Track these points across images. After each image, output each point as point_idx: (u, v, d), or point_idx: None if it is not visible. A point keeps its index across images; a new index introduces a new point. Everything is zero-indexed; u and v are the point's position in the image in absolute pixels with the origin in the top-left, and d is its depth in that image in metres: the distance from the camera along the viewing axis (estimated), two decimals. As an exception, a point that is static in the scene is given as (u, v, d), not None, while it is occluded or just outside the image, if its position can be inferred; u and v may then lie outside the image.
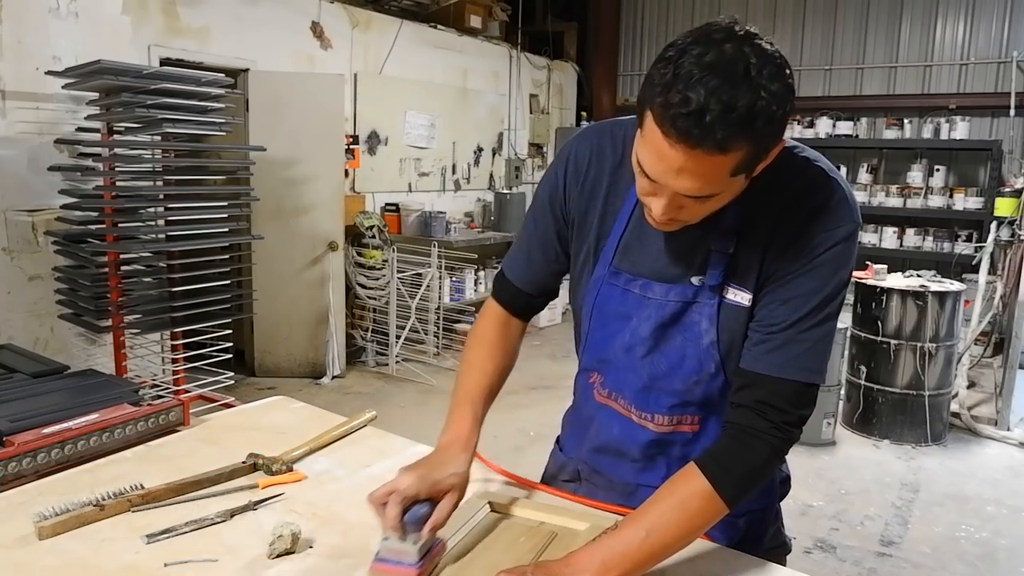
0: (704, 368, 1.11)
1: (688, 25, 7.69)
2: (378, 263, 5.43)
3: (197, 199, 3.59)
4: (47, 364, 1.82)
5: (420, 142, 6.43)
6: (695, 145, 0.86)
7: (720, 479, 1.00)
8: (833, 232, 1.02)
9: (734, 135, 0.85)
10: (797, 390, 1.03)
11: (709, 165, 0.88)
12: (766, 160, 0.95)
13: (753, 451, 1.02)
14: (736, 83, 0.84)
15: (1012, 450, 4.31)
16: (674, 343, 1.12)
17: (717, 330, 1.08)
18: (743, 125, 0.85)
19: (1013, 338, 4.51)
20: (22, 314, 3.72)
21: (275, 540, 1.08)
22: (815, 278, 1.02)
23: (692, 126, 0.84)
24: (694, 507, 1.00)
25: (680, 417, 1.15)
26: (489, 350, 1.28)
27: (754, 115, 0.85)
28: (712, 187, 0.92)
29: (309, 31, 5.39)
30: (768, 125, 0.87)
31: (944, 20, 6.86)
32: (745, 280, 1.06)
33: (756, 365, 1.04)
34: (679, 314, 1.10)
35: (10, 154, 3.65)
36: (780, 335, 1.03)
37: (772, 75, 0.86)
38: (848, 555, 3.10)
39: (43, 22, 3.75)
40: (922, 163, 6.81)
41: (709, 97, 0.83)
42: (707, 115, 0.83)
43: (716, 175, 0.90)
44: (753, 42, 0.89)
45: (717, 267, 1.07)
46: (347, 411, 1.66)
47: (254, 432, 1.55)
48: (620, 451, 1.22)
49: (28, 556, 1.07)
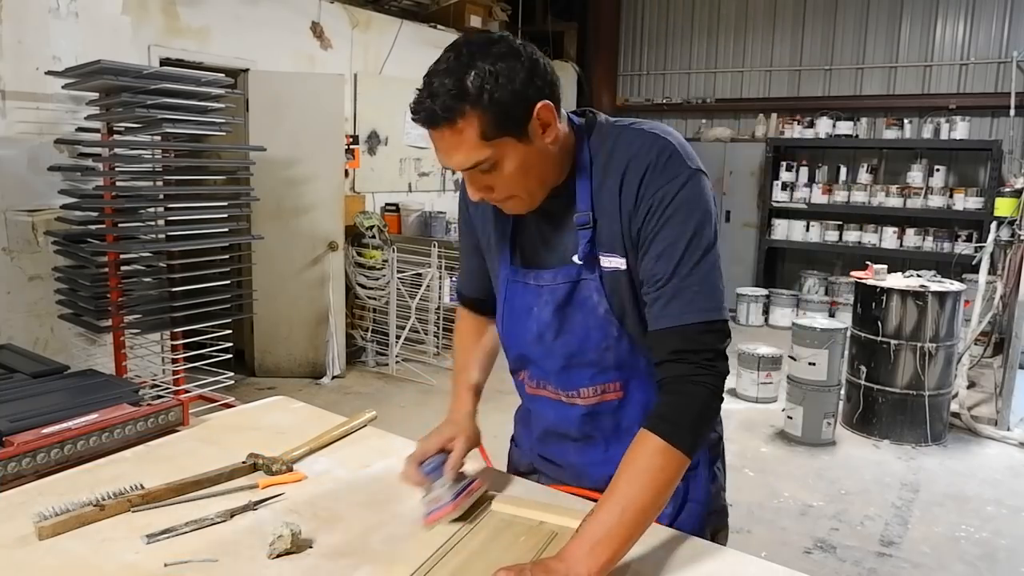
0: (609, 335, 1.20)
1: (688, 25, 7.67)
2: (378, 263, 5.43)
3: (197, 199, 3.59)
4: (47, 364, 1.82)
5: (420, 142, 6.43)
6: (431, 125, 1.05)
7: (670, 432, 1.06)
8: (672, 182, 1.11)
9: (453, 104, 1.02)
10: (701, 330, 1.10)
11: (455, 138, 1.05)
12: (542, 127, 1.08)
13: (690, 396, 1.09)
14: (451, 71, 1.03)
15: (1012, 450, 4.31)
16: (576, 320, 1.21)
17: (607, 298, 1.18)
18: (458, 96, 1.02)
19: (1013, 338, 4.51)
20: (22, 314, 3.72)
21: (275, 540, 1.08)
22: (673, 227, 1.11)
23: (422, 111, 1.05)
24: (656, 466, 1.06)
25: (603, 386, 1.24)
26: (468, 336, 1.45)
27: (464, 86, 1.02)
28: (474, 154, 1.07)
29: (309, 31, 5.39)
30: (486, 91, 1.02)
31: (944, 20, 6.86)
32: (613, 247, 1.16)
33: (657, 323, 1.13)
34: (571, 293, 1.20)
35: (10, 154, 3.65)
36: (666, 288, 1.11)
37: (483, 54, 1.03)
38: (848, 555, 3.10)
39: (43, 22, 3.75)
40: (922, 163, 6.81)
41: (433, 87, 1.04)
42: (430, 99, 1.04)
43: (468, 144, 1.06)
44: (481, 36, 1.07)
45: (583, 242, 1.17)
46: (347, 411, 1.66)
47: (254, 432, 1.55)
48: (559, 433, 1.31)
49: (28, 556, 1.07)
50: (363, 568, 1.07)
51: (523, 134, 1.08)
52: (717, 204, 1.18)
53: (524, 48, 1.08)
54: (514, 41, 1.08)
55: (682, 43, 8.23)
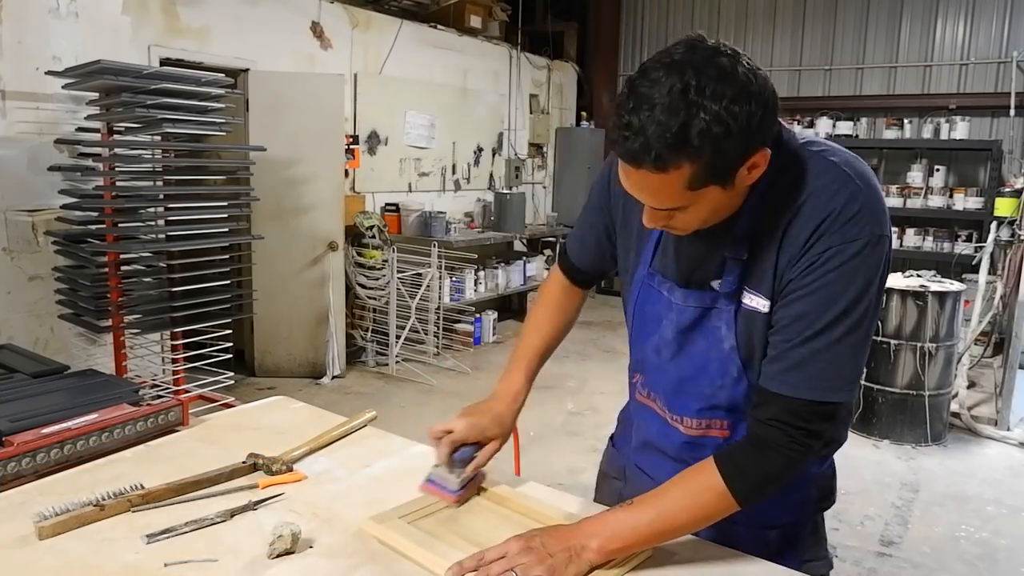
0: (727, 373, 1.12)
1: (688, 25, 7.66)
2: (378, 263, 5.43)
3: (197, 199, 3.59)
4: (47, 364, 1.82)
5: (420, 142, 6.43)
6: (636, 166, 0.93)
7: (734, 478, 1.03)
8: (847, 244, 0.98)
9: (668, 155, 0.90)
10: (811, 409, 1.02)
11: (657, 182, 0.94)
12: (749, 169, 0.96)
13: (769, 459, 1.04)
14: (672, 105, 0.89)
15: (1012, 450, 4.31)
16: (697, 347, 1.14)
17: (736, 335, 1.09)
18: (676, 145, 0.89)
19: (1013, 338, 4.51)
20: (22, 314, 3.72)
21: (275, 540, 1.08)
22: (827, 293, 1.00)
23: (629, 148, 0.92)
24: (705, 500, 1.05)
25: (709, 421, 1.17)
26: (550, 311, 1.43)
27: (687, 135, 0.89)
28: (672, 201, 0.98)
29: (309, 31, 5.39)
30: (710, 142, 0.89)
31: (944, 20, 6.86)
32: (760, 285, 1.06)
33: (770, 384, 1.05)
34: (699, 319, 1.13)
35: (10, 154, 3.65)
36: (793, 353, 1.02)
37: (715, 93, 0.89)
38: (848, 555, 3.10)
39: (43, 22, 3.75)
40: (922, 163, 6.81)
41: (647, 121, 0.90)
42: (642, 137, 0.90)
43: (669, 191, 0.95)
44: (710, 59, 0.91)
45: (732, 273, 1.08)
46: (347, 411, 1.66)
47: (254, 432, 1.55)
48: (658, 449, 1.26)
49: (28, 556, 1.07)
50: (363, 568, 1.07)
51: (730, 182, 0.97)
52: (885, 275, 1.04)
53: (757, 79, 0.92)
54: (747, 69, 0.92)
55: (682, 43, 8.22)
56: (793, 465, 1.05)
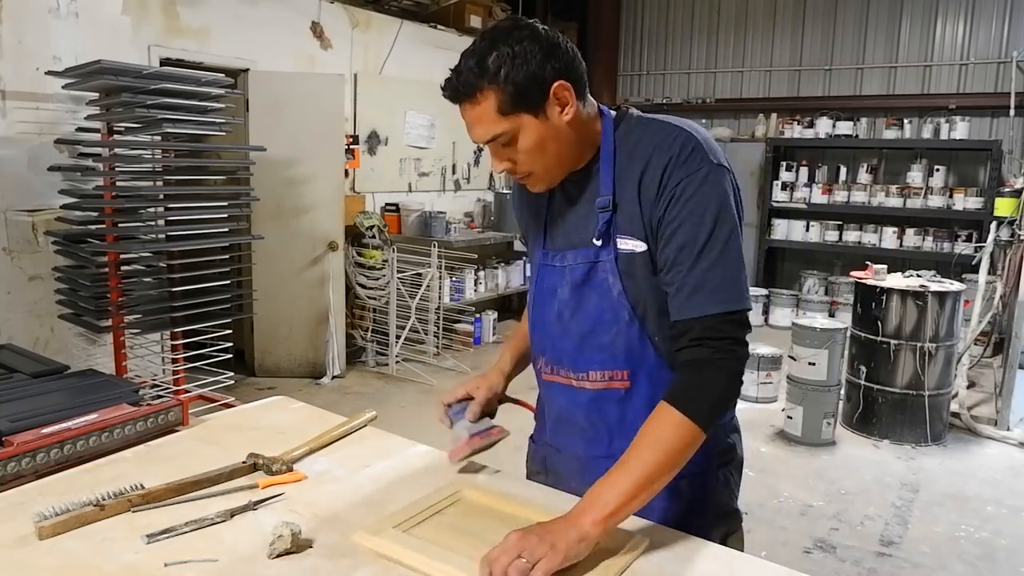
0: (619, 317, 1.24)
1: (688, 25, 7.65)
2: (378, 263, 5.43)
3: (197, 199, 3.59)
4: (47, 364, 1.83)
5: (420, 142, 6.43)
6: (455, 100, 1.18)
7: (689, 406, 1.11)
8: (694, 175, 1.16)
9: (473, 81, 1.14)
10: (723, 319, 1.15)
11: (475, 112, 1.17)
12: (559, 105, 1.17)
13: (710, 376, 1.14)
14: (476, 52, 1.15)
15: (1012, 450, 4.31)
16: (591, 301, 1.27)
17: (621, 280, 1.22)
18: (479, 74, 1.13)
19: (1013, 338, 4.51)
20: (22, 314, 3.72)
21: (275, 540, 1.08)
22: (693, 219, 1.15)
23: (448, 88, 1.18)
24: (671, 438, 1.11)
25: (611, 372, 1.27)
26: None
27: (484, 65, 1.13)
28: (493, 128, 1.17)
29: (309, 31, 5.39)
30: (502, 70, 1.12)
31: (944, 20, 6.86)
32: (631, 230, 1.21)
33: (681, 313, 1.17)
34: (588, 273, 1.26)
35: (10, 154, 3.65)
36: (688, 279, 1.16)
37: (510, 38, 1.14)
38: (848, 555, 3.10)
39: (43, 22, 3.75)
40: (922, 163, 6.81)
41: (461, 66, 1.16)
42: (454, 77, 1.17)
43: (487, 118, 1.16)
44: (511, 23, 1.17)
45: (601, 223, 1.23)
46: (347, 411, 1.66)
47: (254, 432, 1.55)
48: (568, 420, 1.35)
49: (28, 556, 1.07)
50: (363, 568, 1.07)
51: (540, 111, 1.17)
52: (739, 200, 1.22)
53: (547, 32, 1.16)
54: (539, 27, 1.16)
55: (682, 43, 8.23)
56: (734, 375, 1.16)
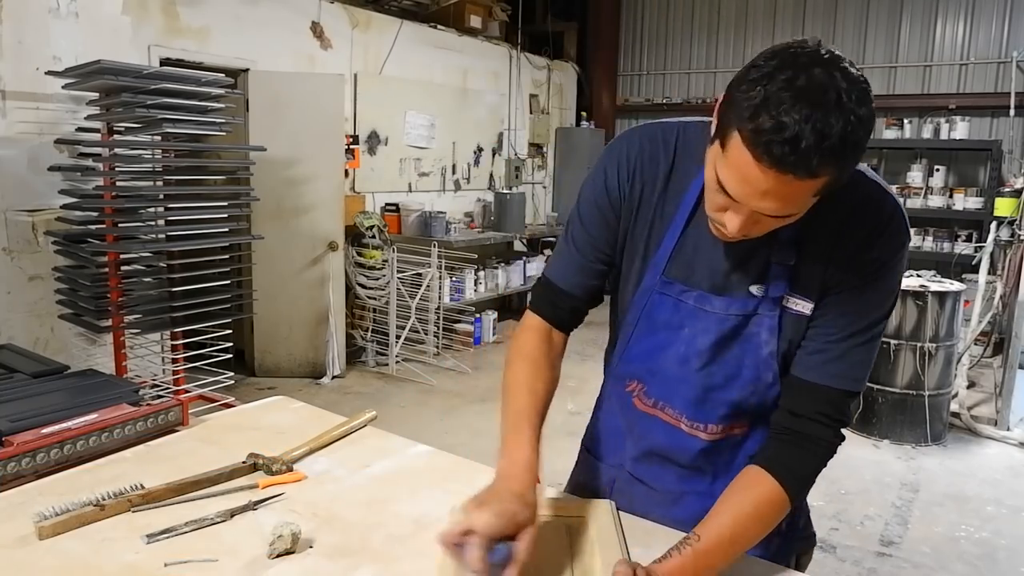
0: (762, 379, 1.12)
1: (688, 25, 7.62)
2: (378, 263, 5.43)
3: (197, 199, 3.58)
4: (47, 364, 1.82)
5: (420, 142, 6.43)
6: (788, 172, 0.86)
7: (790, 482, 1.05)
8: (892, 248, 1.05)
9: (826, 162, 0.85)
10: (846, 398, 1.08)
11: (797, 189, 0.89)
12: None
13: (815, 455, 1.08)
14: (829, 110, 0.84)
15: (1012, 450, 4.31)
16: (731, 354, 1.12)
17: (778, 340, 1.10)
18: (835, 153, 0.85)
19: (1013, 338, 4.51)
20: (22, 314, 3.72)
21: (275, 540, 1.08)
22: (874, 292, 1.06)
23: (788, 153, 0.85)
24: (770, 513, 1.05)
25: (733, 425, 1.17)
26: (534, 367, 1.20)
27: (845, 142, 0.85)
28: (795, 208, 0.94)
29: (309, 31, 5.39)
30: (856, 151, 0.88)
31: (944, 20, 6.86)
32: (807, 290, 1.08)
33: (812, 375, 1.08)
34: (739, 327, 1.11)
35: (10, 154, 3.65)
36: (838, 346, 1.06)
37: (860, 100, 0.86)
38: (848, 555, 3.10)
39: (43, 22, 3.75)
40: (922, 163, 6.81)
41: (804, 124, 0.83)
42: (802, 142, 0.84)
43: (801, 198, 0.91)
44: (840, 66, 0.87)
45: (779, 279, 1.08)
46: (347, 411, 1.66)
47: (254, 432, 1.54)
48: (667, 458, 1.22)
49: (28, 556, 1.07)
50: (363, 568, 1.07)
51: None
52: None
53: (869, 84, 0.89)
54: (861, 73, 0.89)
55: (682, 43, 8.23)
56: (831, 455, 1.10)
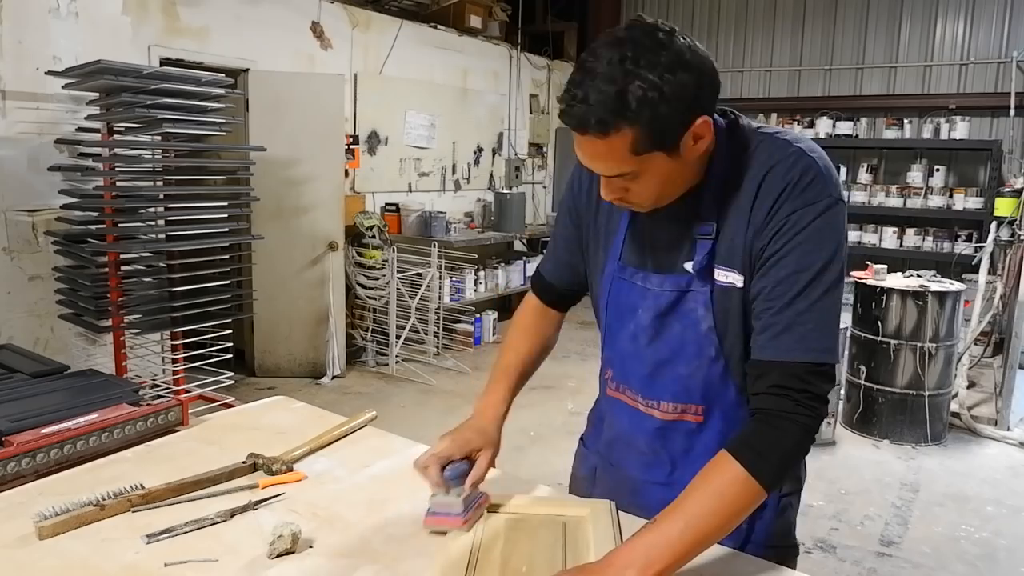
0: (704, 353, 1.14)
1: (688, 25, 7.62)
2: (378, 263, 5.43)
3: (197, 199, 3.59)
4: (47, 364, 1.82)
5: (420, 142, 6.43)
6: (581, 132, 0.99)
7: (755, 463, 1.00)
8: (811, 207, 1.04)
9: (608, 118, 0.96)
10: (810, 370, 1.04)
11: (603, 147, 0.99)
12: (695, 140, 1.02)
13: (784, 432, 1.03)
14: (610, 75, 0.95)
15: (1012, 450, 4.31)
16: (673, 330, 1.16)
17: (713, 314, 1.12)
18: (615, 110, 0.95)
19: (1013, 338, 4.51)
20: (22, 314, 3.72)
21: (275, 540, 1.08)
22: (800, 255, 1.04)
23: (572, 116, 0.98)
24: (731, 494, 1.00)
25: (684, 406, 1.18)
26: (524, 333, 1.40)
27: (624, 100, 0.94)
28: (620, 166, 1.02)
29: (309, 31, 5.39)
30: (647, 107, 0.95)
31: (944, 20, 6.86)
32: (732, 260, 1.09)
33: (764, 352, 1.06)
34: (675, 302, 1.15)
35: (10, 154, 3.65)
36: (779, 317, 1.04)
37: (650, 63, 0.94)
38: (848, 555, 3.10)
39: (43, 22, 3.75)
40: (922, 163, 6.81)
41: (587, 90, 0.96)
42: (584, 105, 0.96)
43: (615, 156, 1.00)
44: (647, 34, 0.97)
45: (702, 252, 1.11)
46: (347, 411, 1.66)
47: (254, 432, 1.55)
48: (629, 442, 1.26)
49: (28, 556, 1.07)
50: (363, 568, 1.07)
51: (675, 149, 1.01)
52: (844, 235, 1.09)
53: (695, 55, 0.98)
54: (684, 45, 0.98)
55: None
56: (808, 433, 1.04)
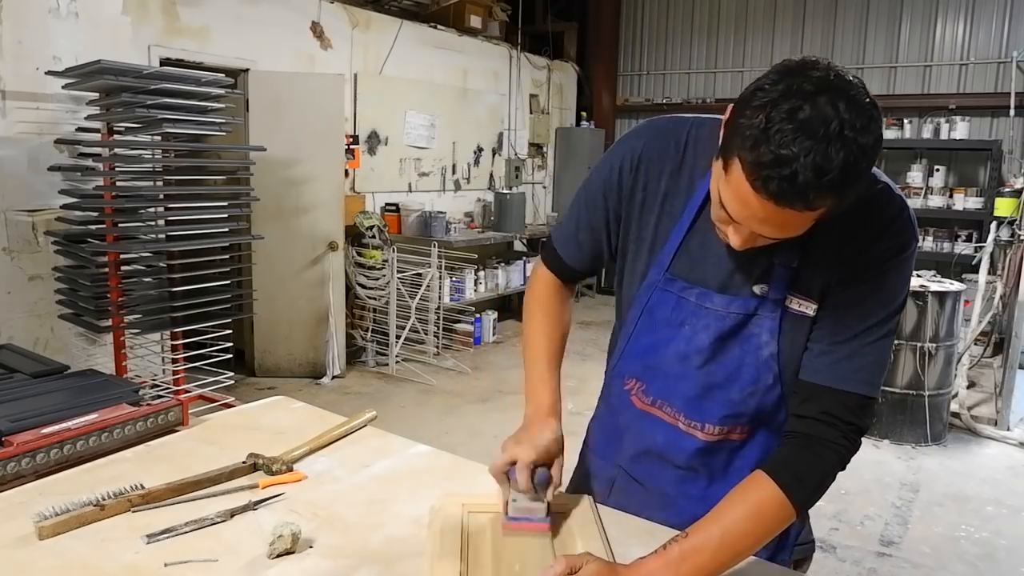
0: (762, 380, 1.11)
1: (688, 25, 7.61)
2: (378, 263, 5.43)
3: (197, 199, 3.58)
4: (47, 364, 1.82)
5: (420, 142, 6.43)
6: (786, 205, 0.87)
7: (793, 487, 1.00)
8: (899, 247, 1.02)
9: (824, 195, 0.86)
10: (860, 402, 1.04)
11: (795, 217, 0.90)
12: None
13: (823, 460, 1.03)
14: (830, 143, 0.83)
15: (1012, 450, 4.31)
16: (732, 354, 1.11)
17: (778, 342, 1.08)
18: (833, 186, 0.85)
19: (1013, 338, 4.51)
20: (22, 314, 3.72)
21: (275, 540, 1.08)
22: (881, 291, 1.03)
23: (785, 188, 0.85)
24: (767, 514, 1.00)
25: (731, 427, 1.15)
26: (551, 316, 1.32)
27: (845, 175, 0.84)
28: (795, 232, 0.94)
29: (309, 31, 5.39)
30: (857, 181, 0.87)
31: (944, 20, 6.86)
32: (809, 290, 1.06)
33: (819, 376, 1.05)
34: (739, 326, 1.10)
35: (10, 154, 3.65)
36: (845, 346, 1.03)
37: (863, 128, 0.85)
38: (848, 555, 3.10)
39: (43, 22, 3.75)
40: (922, 163, 6.81)
41: (803, 158, 0.83)
42: (799, 177, 0.84)
43: (800, 224, 0.92)
44: (848, 93, 0.86)
45: (781, 280, 1.07)
46: (347, 411, 1.66)
47: (254, 432, 1.55)
48: (664, 458, 1.21)
49: (28, 556, 1.07)
50: (363, 568, 1.07)
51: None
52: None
53: (877, 109, 0.88)
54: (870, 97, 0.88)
55: (682, 43, 8.23)
56: (843, 463, 1.05)
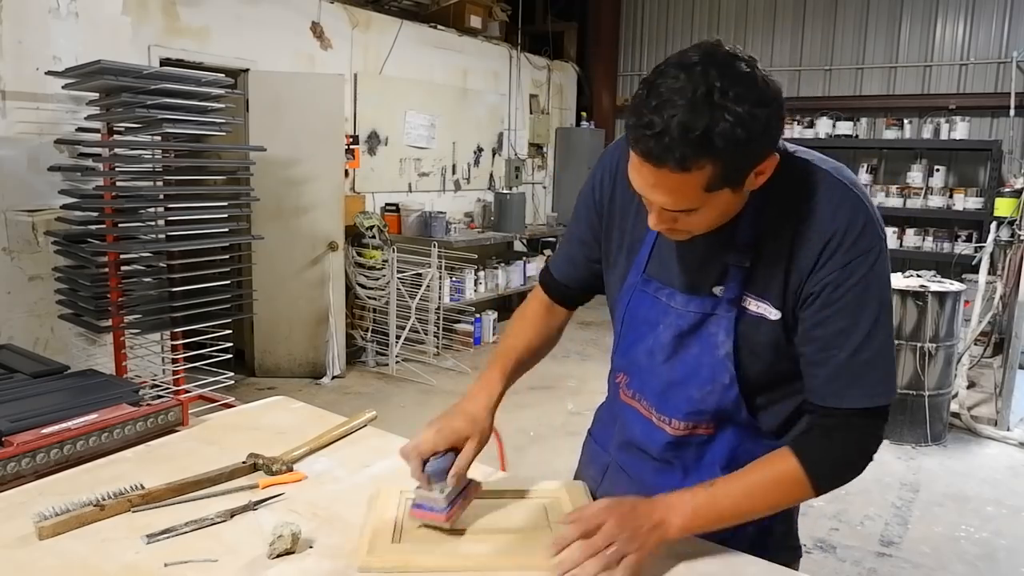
0: (718, 378, 1.13)
1: (688, 25, 7.63)
2: (378, 263, 5.43)
3: (197, 199, 3.58)
4: (47, 364, 1.82)
5: (420, 142, 6.43)
6: (657, 164, 0.93)
7: (815, 467, 1.06)
8: (864, 257, 1.03)
9: (692, 155, 0.90)
10: (871, 413, 1.07)
11: (676, 182, 0.94)
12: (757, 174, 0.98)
13: (847, 447, 1.08)
14: (696, 106, 0.89)
15: (1012, 450, 4.31)
16: (691, 352, 1.15)
17: (734, 342, 1.10)
18: (701, 146, 0.90)
19: (1013, 338, 4.51)
20: (22, 314, 3.72)
21: (275, 540, 1.08)
22: (860, 306, 1.04)
23: (653, 147, 0.91)
24: (786, 485, 1.08)
25: (695, 424, 1.19)
26: (526, 324, 1.37)
27: (711, 136, 0.89)
28: (687, 202, 0.98)
29: (309, 31, 5.39)
30: (733, 145, 0.90)
31: (944, 20, 6.86)
32: (767, 293, 1.08)
33: (826, 400, 1.07)
34: (697, 325, 1.13)
35: (10, 154, 3.65)
36: (844, 367, 1.05)
37: (739, 96, 0.90)
38: (848, 555, 3.10)
39: (43, 22, 3.75)
40: (922, 163, 6.81)
41: (670, 120, 0.89)
42: (666, 136, 0.90)
43: (686, 191, 0.95)
44: (731, 64, 0.92)
45: (734, 280, 1.09)
46: (347, 411, 1.66)
47: (254, 432, 1.55)
48: (641, 449, 1.26)
49: (28, 556, 1.07)
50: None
51: (740, 185, 0.98)
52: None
53: (771, 85, 0.94)
54: (763, 74, 0.94)
55: (682, 43, 8.14)
56: (864, 456, 1.09)
